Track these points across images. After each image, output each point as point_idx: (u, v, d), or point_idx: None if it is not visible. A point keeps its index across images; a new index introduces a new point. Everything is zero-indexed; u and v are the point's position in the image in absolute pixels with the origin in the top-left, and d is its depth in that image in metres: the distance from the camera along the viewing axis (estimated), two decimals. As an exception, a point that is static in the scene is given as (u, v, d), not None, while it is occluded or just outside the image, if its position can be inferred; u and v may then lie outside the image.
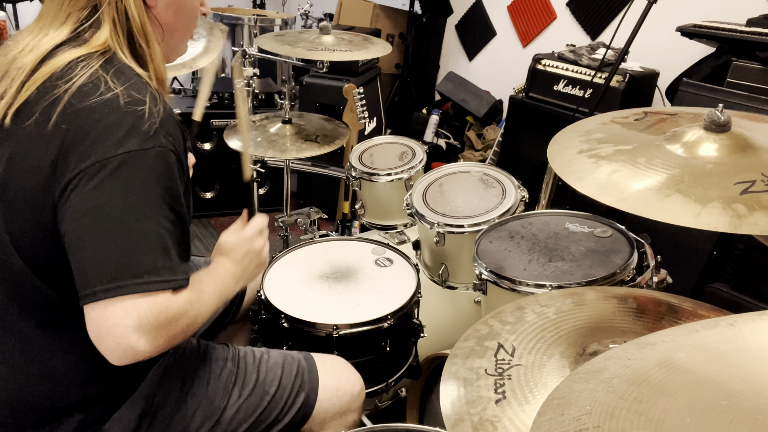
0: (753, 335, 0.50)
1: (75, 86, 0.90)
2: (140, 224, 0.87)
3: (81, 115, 0.88)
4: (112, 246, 0.85)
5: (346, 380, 1.24)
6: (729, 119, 0.89)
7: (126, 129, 0.88)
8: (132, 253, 0.86)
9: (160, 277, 0.87)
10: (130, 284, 0.84)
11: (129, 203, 0.86)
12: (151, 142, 0.89)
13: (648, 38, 2.25)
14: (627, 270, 1.19)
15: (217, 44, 2.07)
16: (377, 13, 4.09)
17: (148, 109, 0.90)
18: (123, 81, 0.92)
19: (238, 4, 4.56)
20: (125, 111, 0.89)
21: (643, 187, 0.84)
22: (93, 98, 0.89)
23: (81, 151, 0.87)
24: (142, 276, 0.85)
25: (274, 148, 1.93)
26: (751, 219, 0.73)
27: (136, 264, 0.86)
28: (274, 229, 2.68)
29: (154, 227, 0.88)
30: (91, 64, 0.92)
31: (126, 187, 0.87)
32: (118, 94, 0.90)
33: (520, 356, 0.89)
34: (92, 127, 0.87)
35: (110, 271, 0.84)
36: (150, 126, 0.89)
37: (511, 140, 2.91)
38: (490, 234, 1.41)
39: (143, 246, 0.87)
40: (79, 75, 0.91)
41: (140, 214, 0.87)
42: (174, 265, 0.90)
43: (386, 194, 1.92)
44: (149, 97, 0.92)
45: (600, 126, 1.05)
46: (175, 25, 1.06)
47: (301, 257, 1.62)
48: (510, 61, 3.64)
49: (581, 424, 0.45)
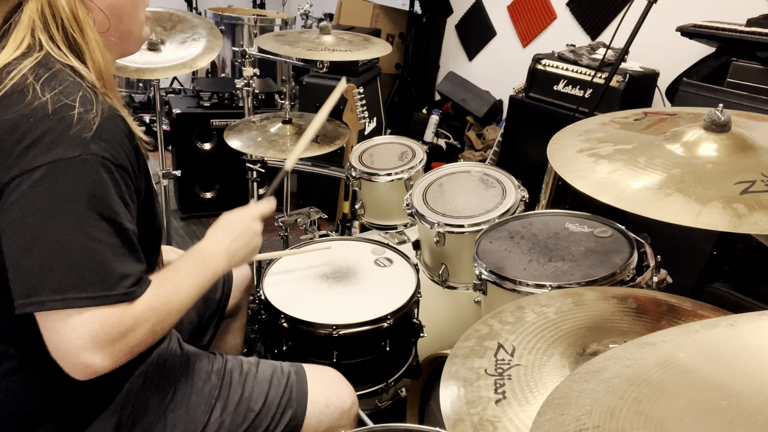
0: (753, 335, 0.50)
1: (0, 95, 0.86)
2: (64, 237, 0.82)
3: (8, 125, 0.84)
4: (34, 260, 0.81)
5: (336, 396, 1.19)
6: (729, 119, 0.89)
7: (51, 138, 0.83)
8: (54, 268, 0.81)
9: (87, 292, 0.82)
10: (51, 300, 0.80)
11: (53, 216, 0.82)
12: (77, 149, 0.83)
13: (648, 38, 2.25)
14: (627, 270, 1.19)
15: (216, 44, 2.07)
16: (377, 13, 4.09)
17: (77, 115, 0.85)
18: (54, 85, 0.87)
19: (238, 4, 4.56)
20: (52, 119, 0.84)
21: (643, 186, 0.84)
22: (19, 108, 0.85)
23: (7, 164, 0.83)
24: (65, 292, 0.80)
25: (274, 148, 1.93)
26: (751, 219, 0.73)
27: (58, 279, 0.81)
28: (274, 229, 2.67)
29: (80, 240, 0.82)
30: (19, 69, 0.88)
31: (50, 199, 0.82)
32: (47, 101, 0.85)
33: (520, 356, 0.89)
34: (19, 139, 0.83)
35: (32, 285, 0.81)
36: (78, 132, 0.84)
37: (511, 140, 2.91)
38: (490, 234, 1.41)
39: (67, 261, 0.81)
40: (5, 84, 0.87)
41: (65, 226, 0.82)
42: (111, 279, 0.84)
43: (386, 194, 1.92)
44: (80, 102, 0.87)
45: (599, 126, 1.05)
46: (119, 6, 0.99)
47: (301, 257, 1.62)
48: (510, 61, 3.64)
49: (581, 424, 0.45)
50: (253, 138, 1.98)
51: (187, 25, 2.11)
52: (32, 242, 0.81)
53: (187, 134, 3.14)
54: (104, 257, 0.84)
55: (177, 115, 3.10)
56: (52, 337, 0.82)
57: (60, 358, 0.83)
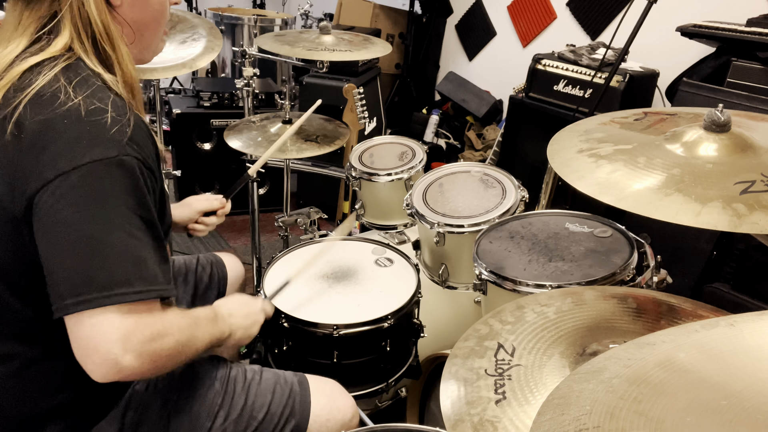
0: (753, 335, 0.50)
1: (31, 95, 0.87)
2: (108, 235, 0.84)
3: (41, 126, 0.86)
4: (80, 259, 0.82)
5: (337, 409, 1.19)
6: (729, 119, 0.89)
7: (88, 139, 0.85)
8: (101, 265, 0.83)
9: (132, 288, 0.84)
10: (99, 297, 0.82)
11: (94, 214, 0.84)
12: (113, 150, 0.86)
13: (648, 38, 2.25)
14: (627, 270, 1.19)
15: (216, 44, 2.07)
16: (377, 13, 4.09)
17: (110, 117, 0.87)
18: (84, 89, 0.89)
19: (238, 4, 4.56)
20: (87, 121, 0.86)
21: (644, 186, 0.84)
22: (52, 109, 0.86)
23: (43, 164, 0.84)
24: (112, 288, 0.82)
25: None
26: (751, 218, 0.73)
27: (105, 276, 0.83)
28: (273, 229, 2.68)
29: (122, 237, 0.85)
30: (50, 71, 0.90)
31: (90, 199, 0.84)
32: (79, 104, 0.87)
33: (520, 356, 0.89)
34: (53, 139, 0.85)
35: (79, 284, 0.82)
36: (113, 135, 0.86)
37: (511, 140, 2.91)
38: (490, 234, 1.41)
39: (112, 257, 0.84)
40: (36, 83, 0.88)
41: (107, 224, 0.84)
42: (150, 275, 0.87)
43: (386, 194, 1.92)
44: (112, 105, 0.89)
45: (599, 126, 1.05)
46: (144, 22, 1.03)
47: (301, 257, 1.62)
48: (510, 61, 3.64)
49: (581, 424, 0.45)
50: (253, 138, 1.98)
51: (187, 25, 2.11)
52: (76, 242, 0.82)
53: (187, 134, 3.14)
54: (144, 254, 0.87)
55: (177, 115, 3.10)
56: (86, 334, 0.83)
57: (89, 356, 0.83)
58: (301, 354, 1.40)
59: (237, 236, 3.24)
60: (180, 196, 3.35)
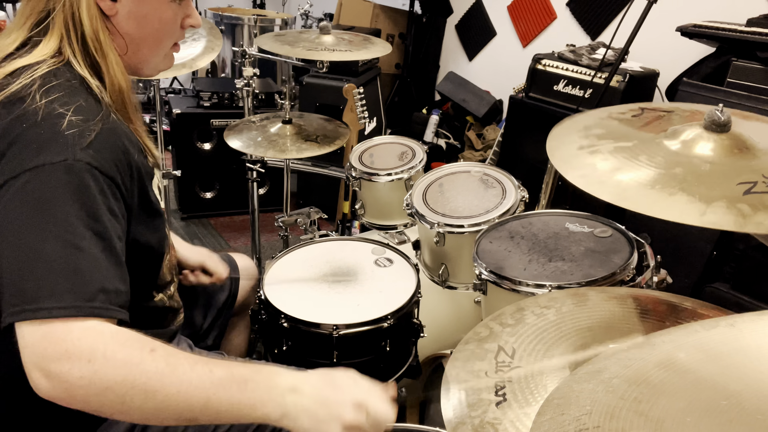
0: (753, 335, 0.50)
1: (2, 98, 0.86)
2: (42, 244, 0.78)
3: (2, 130, 0.84)
4: (13, 268, 0.77)
5: None
6: (729, 119, 0.89)
7: (38, 144, 0.82)
8: (30, 276, 0.77)
9: (60, 302, 0.76)
10: (25, 310, 0.76)
11: (32, 221, 0.79)
12: (62, 154, 0.81)
13: (648, 38, 2.25)
14: (627, 270, 1.19)
15: (216, 44, 2.07)
16: (377, 13, 4.09)
17: (67, 122, 0.84)
18: (52, 94, 0.86)
19: (238, 4, 4.56)
20: (41, 124, 0.83)
21: (647, 185, 0.83)
22: (16, 113, 0.84)
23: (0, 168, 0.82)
24: (38, 301, 0.76)
25: (274, 148, 1.93)
26: (755, 218, 0.73)
27: (33, 287, 0.76)
28: (274, 229, 2.68)
29: (56, 247, 0.78)
30: (31, 75, 0.88)
31: (29, 205, 0.79)
32: (39, 108, 0.84)
33: (520, 358, 0.89)
34: (9, 144, 0.83)
35: (13, 294, 0.77)
36: (65, 139, 0.83)
37: (511, 140, 2.91)
38: (490, 234, 1.41)
39: (41, 268, 0.77)
40: (11, 86, 0.87)
41: (42, 233, 0.78)
42: (87, 291, 0.78)
43: (386, 194, 1.92)
44: (75, 110, 0.86)
45: (598, 121, 1.05)
46: (140, 37, 1.00)
47: (301, 257, 1.62)
48: (510, 61, 3.64)
49: (581, 424, 0.45)
50: (253, 138, 1.98)
51: (187, 25, 2.10)
52: (12, 250, 0.78)
53: (187, 134, 3.14)
54: (84, 267, 0.79)
55: (177, 115, 3.10)
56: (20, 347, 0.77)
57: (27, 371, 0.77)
58: (300, 354, 1.40)
59: (237, 236, 3.24)
60: (180, 195, 3.35)
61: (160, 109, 2.31)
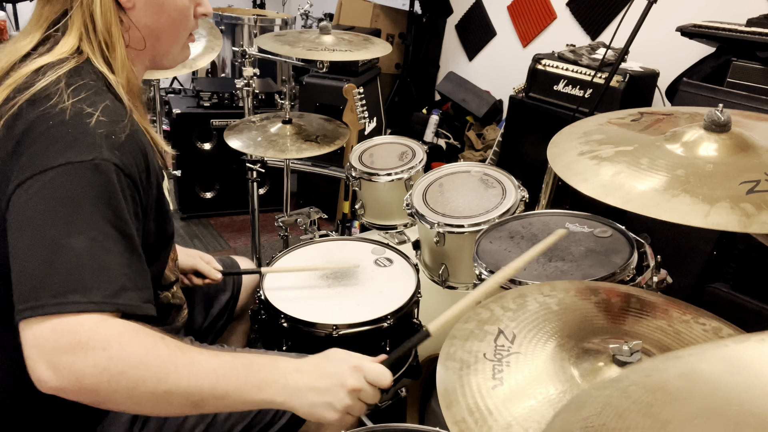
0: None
1: (28, 96, 0.87)
2: (68, 239, 0.79)
3: (27, 126, 0.85)
4: (37, 263, 0.78)
5: None
6: (729, 119, 0.89)
7: (65, 141, 0.83)
8: (55, 270, 0.78)
9: (87, 297, 0.77)
10: (48, 304, 0.76)
11: (58, 217, 0.80)
12: (90, 153, 0.83)
13: (648, 38, 2.25)
14: (627, 270, 1.19)
15: (216, 44, 2.07)
16: (377, 13, 4.09)
17: (95, 121, 0.85)
18: (79, 93, 0.88)
19: (238, 4, 4.56)
20: (69, 123, 0.84)
21: (649, 187, 0.83)
22: (42, 110, 0.85)
23: (23, 163, 0.83)
24: (65, 295, 0.76)
25: (274, 148, 1.93)
26: (760, 218, 0.73)
27: (58, 282, 0.77)
28: (274, 229, 2.68)
29: (84, 243, 0.79)
30: (55, 73, 0.89)
31: (57, 200, 0.80)
32: (68, 107, 0.85)
33: (519, 344, 0.88)
34: (34, 140, 0.84)
35: (31, 290, 0.77)
36: (93, 138, 0.84)
37: (511, 140, 2.91)
38: (490, 234, 1.41)
39: (66, 263, 0.78)
40: (37, 84, 0.87)
41: (70, 229, 0.79)
42: (113, 287, 0.80)
43: (386, 194, 1.92)
44: (103, 111, 0.87)
45: (598, 127, 1.05)
46: (158, 28, 1.01)
47: (301, 257, 1.62)
48: (510, 61, 3.64)
49: (588, 422, 0.45)
50: (253, 138, 1.98)
51: (187, 25, 2.11)
52: (37, 245, 0.79)
53: (187, 134, 3.14)
54: (109, 264, 0.81)
55: (177, 115, 3.10)
56: (23, 342, 0.77)
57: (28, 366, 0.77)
58: (300, 354, 1.40)
59: (237, 236, 3.24)
60: (180, 195, 3.35)
61: (160, 109, 2.31)
